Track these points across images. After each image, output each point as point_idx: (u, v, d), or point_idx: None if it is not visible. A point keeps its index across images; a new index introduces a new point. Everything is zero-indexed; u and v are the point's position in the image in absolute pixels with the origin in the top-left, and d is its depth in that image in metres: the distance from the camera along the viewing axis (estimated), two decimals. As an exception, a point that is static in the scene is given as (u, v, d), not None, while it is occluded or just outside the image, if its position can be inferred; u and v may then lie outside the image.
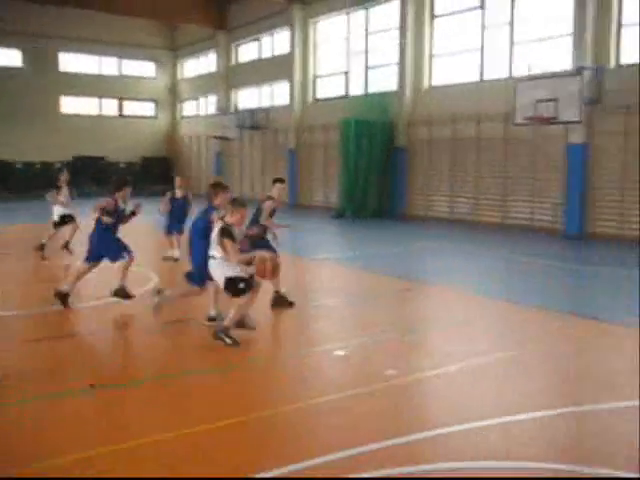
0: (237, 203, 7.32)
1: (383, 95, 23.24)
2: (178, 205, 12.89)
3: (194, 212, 9.29)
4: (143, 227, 15.46)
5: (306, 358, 6.82)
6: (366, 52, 24.64)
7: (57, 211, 13.26)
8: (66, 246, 13.24)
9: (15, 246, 15.19)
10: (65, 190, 13.34)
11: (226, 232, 6.98)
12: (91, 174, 35.23)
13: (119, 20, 33.16)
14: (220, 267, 7.10)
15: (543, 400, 5.58)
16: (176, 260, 12.38)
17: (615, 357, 6.91)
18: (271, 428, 4.99)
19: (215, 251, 7.10)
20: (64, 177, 13.58)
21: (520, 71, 18.42)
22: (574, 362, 6.79)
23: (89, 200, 11.75)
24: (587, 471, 4.26)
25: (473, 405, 5.45)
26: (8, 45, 33.44)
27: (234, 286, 7.07)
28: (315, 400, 5.48)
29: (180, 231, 12.69)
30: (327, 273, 12.36)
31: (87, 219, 9.71)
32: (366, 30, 24.58)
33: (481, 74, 20.36)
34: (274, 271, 7.14)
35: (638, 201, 16.14)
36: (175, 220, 12.87)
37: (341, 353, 6.90)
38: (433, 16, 21.85)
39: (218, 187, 8.08)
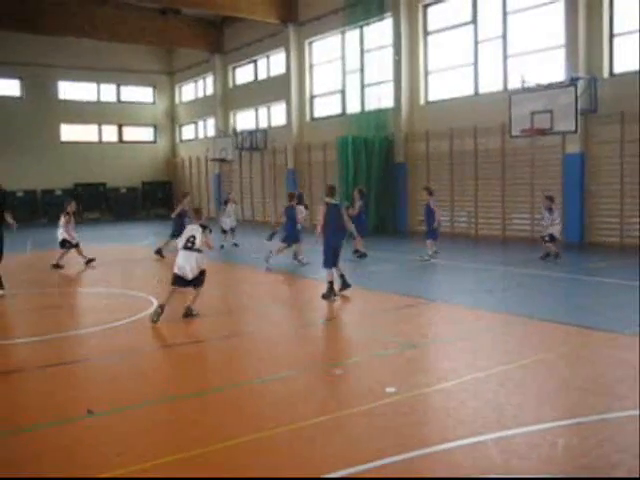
0: None
1: (380, 112, 23.33)
2: None
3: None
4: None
5: (304, 375, 6.79)
6: (361, 70, 24.77)
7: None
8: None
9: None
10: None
11: None
12: (93, 200, 35.52)
13: (117, 47, 33.54)
14: None
15: (542, 412, 5.54)
16: None
17: (616, 367, 6.87)
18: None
19: None
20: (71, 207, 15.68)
21: (514, 84, 18.49)
22: (573, 372, 6.74)
23: (93, 226, 11.80)
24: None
25: (472, 419, 5.40)
26: (6, 75, 33.76)
27: None
28: (311, 420, 5.44)
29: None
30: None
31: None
32: (361, 48, 24.75)
33: (476, 88, 20.47)
34: None
35: (638, 209, 16.15)
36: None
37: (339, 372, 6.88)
38: (426, 32, 22.02)
39: None
